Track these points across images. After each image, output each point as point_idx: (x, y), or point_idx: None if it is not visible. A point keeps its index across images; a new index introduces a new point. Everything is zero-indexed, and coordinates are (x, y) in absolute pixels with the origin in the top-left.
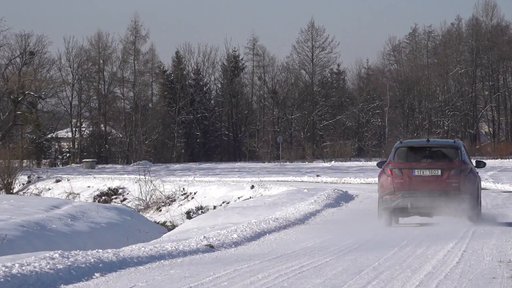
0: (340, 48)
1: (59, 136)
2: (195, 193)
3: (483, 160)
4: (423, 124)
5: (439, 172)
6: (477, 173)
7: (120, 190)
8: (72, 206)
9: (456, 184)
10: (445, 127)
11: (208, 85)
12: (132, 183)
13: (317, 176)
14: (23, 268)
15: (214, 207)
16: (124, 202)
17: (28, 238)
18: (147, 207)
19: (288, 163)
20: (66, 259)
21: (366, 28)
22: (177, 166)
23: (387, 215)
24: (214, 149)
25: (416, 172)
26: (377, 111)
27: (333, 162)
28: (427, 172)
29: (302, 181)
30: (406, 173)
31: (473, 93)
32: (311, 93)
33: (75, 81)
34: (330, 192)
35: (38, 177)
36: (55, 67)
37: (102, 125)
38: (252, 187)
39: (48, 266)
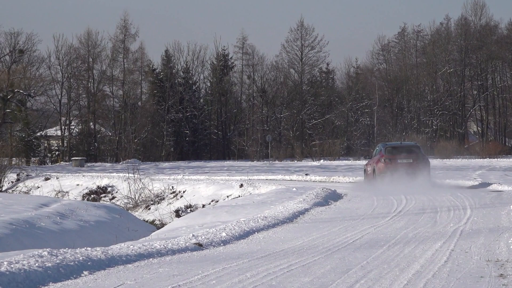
0: (329, 47)
1: (48, 134)
2: (184, 192)
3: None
4: (411, 123)
5: (411, 160)
6: (428, 159)
7: (109, 188)
8: (61, 204)
9: (420, 166)
10: (434, 127)
11: (198, 84)
12: (121, 181)
13: (306, 175)
14: (12, 266)
15: (203, 206)
16: (113, 201)
17: (16, 236)
18: (136, 205)
19: (277, 161)
20: (54, 257)
21: (355, 27)
22: (166, 164)
23: (382, 184)
24: (203, 148)
25: (399, 160)
26: (366, 110)
27: (322, 161)
28: (405, 160)
29: (291, 180)
30: (393, 161)
31: (461, 93)
32: (300, 92)
33: (65, 79)
34: (319, 191)
35: (27, 175)
36: (45, 65)
37: (91, 123)
38: (241, 185)
39: (36, 264)
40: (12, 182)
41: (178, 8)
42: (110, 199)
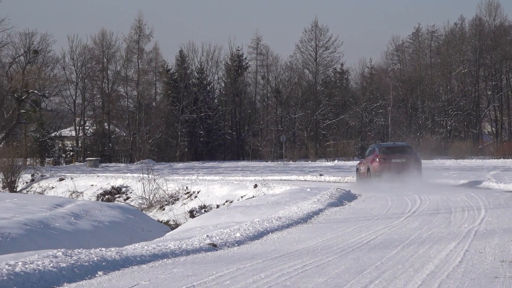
0: (343, 48)
1: (62, 135)
2: (198, 192)
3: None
4: (426, 123)
5: (404, 159)
6: (420, 159)
7: (123, 189)
8: (76, 205)
9: (413, 165)
10: (448, 127)
11: (212, 84)
12: (135, 182)
13: (320, 175)
14: (26, 266)
15: (217, 206)
16: (128, 201)
17: (31, 236)
18: (150, 206)
19: (291, 162)
20: (69, 257)
21: (370, 28)
22: (180, 165)
23: (377, 182)
24: (218, 148)
25: (393, 160)
26: (380, 111)
27: (336, 161)
28: (398, 160)
29: (305, 180)
30: (387, 161)
31: (476, 93)
32: (314, 93)
33: (79, 79)
34: (333, 191)
35: (42, 176)
36: (59, 66)
37: (105, 124)
38: (255, 186)
39: (51, 265)
40: (26, 182)
41: (192, 9)
42: (125, 200)
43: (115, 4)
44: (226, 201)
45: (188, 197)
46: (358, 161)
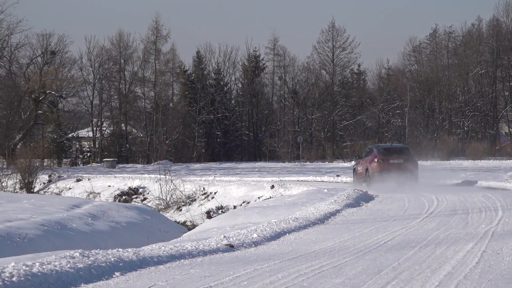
0: (360, 49)
1: (80, 136)
2: (215, 193)
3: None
4: (443, 124)
5: (402, 160)
6: (417, 160)
7: (140, 190)
8: (93, 206)
9: (410, 166)
10: (465, 128)
11: (229, 85)
12: (152, 183)
13: (337, 176)
14: (44, 267)
15: (234, 207)
16: (145, 202)
17: (48, 237)
18: (167, 206)
19: (308, 163)
20: (86, 258)
21: (387, 29)
22: (197, 165)
23: (375, 182)
24: (235, 149)
25: (391, 161)
26: (397, 112)
27: (353, 162)
28: (396, 161)
29: (322, 181)
30: (386, 161)
31: (493, 94)
32: (331, 93)
33: (96, 80)
34: (350, 192)
35: (59, 176)
36: (76, 67)
37: (123, 125)
38: (272, 187)
39: (68, 265)
40: (44, 183)
41: (209, 9)
42: (142, 200)
43: (132, 5)
44: (243, 202)
45: (205, 198)
46: (355, 162)
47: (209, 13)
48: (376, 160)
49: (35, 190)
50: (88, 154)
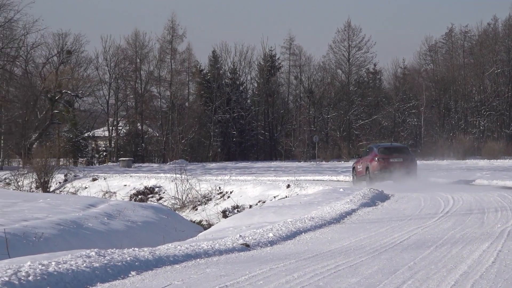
0: (376, 48)
1: (95, 135)
2: (231, 192)
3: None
4: (459, 124)
5: (402, 159)
6: (416, 159)
7: (156, 189)
8: (109, 205)
9: (410, 165)
10: (481, 127)
11: (245, 84)
12: (168, 182)
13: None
14: (60, 266)
15: (250, 206)
16: (161, 201)
17: (64, 236)
18: (183, 206)
19: (324, 162)
20: (102, 257)
21: (403, 28)
22: (213, 165)
23: (376, 180)
24: (250, 148)
25: (391, 160)
26: (413, 111)
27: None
28: (396, 159)
29: (338, 180)
30: (386, 160)
31: (509, 93)
32: (347, 93)
33: (112, 80)
34: (366, 191)
35: (75, 176)
36: (92, 66)
37: (138, 124)
38: (288, 186)
39: (84, 264)
40: (59, 182)
41: (225, 9)
42: (158, 200)
43: (148, 5)
44: (259, 201)
45: (221, 197)
46: (355, 161)
47: (225, 12)
48: (376, 158)
49: (51, 189)
50: (104, 153)
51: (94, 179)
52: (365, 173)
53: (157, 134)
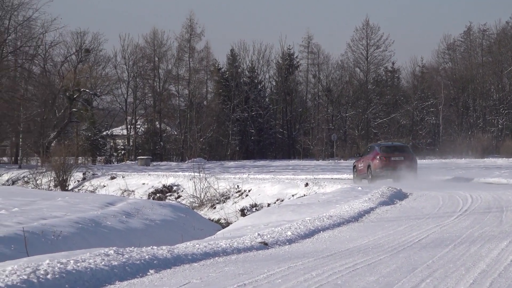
0: (394, 46)
1: (114, 133)
2: (249, 191)
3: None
4: (477, 122)
5: (403, 158)
6: (416, 158)
7: (174, 187)
8: (127, 203)
9: (410, 163)
10: (499, 126)
11: (263, 83)
12: (186, 180)
13: None
14: (78, 264)
15: (268, 205)
16: (179, 199)
17: (82, 234)
18: (201, 204)
19: (342, 160)
20: (121, 255)
21: (421, 27)
22: (231, 163)
23: (377, 178)
24: (269, 147)
25: (393, 158)
26: (432, 109)
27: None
28: (397, 158)
29: None
30: (388, 159)
31: None
32: (365, 91)
33: (130, 78)
34: (384, 190)
35: (93, 174)
36: (111, 65)
37: (157, 123)
38: (306, 184)
39: (103, 263)
40: (78, 181)
41: (243, 7)
42: (176, 198)
43: (167, 3)
44: (277, 200)
45: (239, 195)
46: (355, 160)
47: (243, 11)
48: (378, 157)
49: (69, 187)
50: (122, 152)
51: (112, 178)
52: (367, 171)
53: (175, 133)
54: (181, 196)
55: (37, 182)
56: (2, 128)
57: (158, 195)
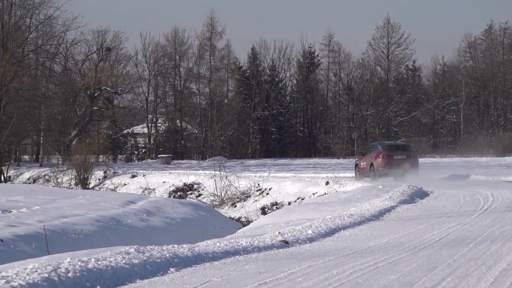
0: (415, 45)
1: (135, 132)
2: (270, 189)
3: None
4: (498, 120)
5: (405, 156)
6: (417, 156)
7: (195, 186)
8: (148, 202)
9: (412, 162)
10: None
11: (284, 81)
12: (207, 179)
13: None
14: (99, 262)
15: (289, 203)
16: (199, 198)
17: (103, 233)
18: (222, 202)
19: None
20: (141, 254)
21: (442, 25)
22: (252, 161)
23: (379, 176)
24: (289, 145)
25: (395, 157)
26: (452, 108)
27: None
28: (399, 157)
29: None
30: (390, 157)
31: None
32: (386, 90)
33: (151, 76)
34: (405, 188)
35: (114, 172)
36: (132, 63)
37: (177, 121)
38: (327, 183)
39: (123, 261)
40: (99, 179)
41: (264, 6)
42: (197, 196)
43: (187, 1)
44: (298, 198)
45: (260, 194)
46: (358, 158)
47: (264, 9)
48: (381, 155)
49: (90, 186)
50: (143, 150)
51: (133, 176)
52: (369, 169)
53: (196, 131)
54: (202, 194)
55: (58, 180)
56: (24, 127)
57: (179, 193)
